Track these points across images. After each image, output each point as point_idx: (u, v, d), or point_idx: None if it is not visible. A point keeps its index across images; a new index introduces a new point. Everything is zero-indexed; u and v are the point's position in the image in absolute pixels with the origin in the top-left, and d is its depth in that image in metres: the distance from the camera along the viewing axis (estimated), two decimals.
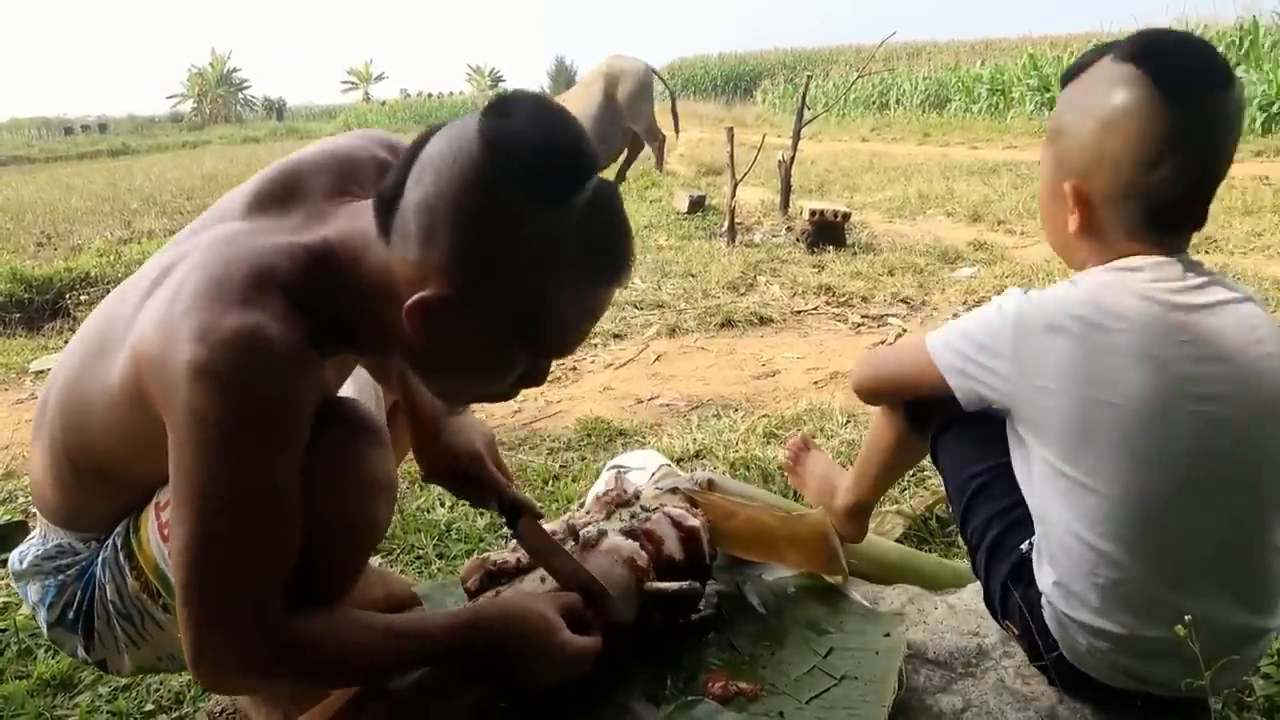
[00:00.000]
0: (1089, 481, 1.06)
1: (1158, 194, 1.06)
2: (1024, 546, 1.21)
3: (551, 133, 0.88)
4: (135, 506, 1.10)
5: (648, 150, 9.13)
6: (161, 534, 1.06)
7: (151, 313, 0.93)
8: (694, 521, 1.48)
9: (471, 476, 1.33)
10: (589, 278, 0.91)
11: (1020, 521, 1.21)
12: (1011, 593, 1.22)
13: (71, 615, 1.13)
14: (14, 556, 1.17)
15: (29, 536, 1.19)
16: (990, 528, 1.25)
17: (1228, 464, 1.05)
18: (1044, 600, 1.17)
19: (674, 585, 1.35)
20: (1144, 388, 1.02)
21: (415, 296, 0.88)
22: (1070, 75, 1.15)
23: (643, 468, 1.91)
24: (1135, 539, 1.06)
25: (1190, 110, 1.03)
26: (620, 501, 1.53)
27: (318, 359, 0.95)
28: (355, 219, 0.96)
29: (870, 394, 1.43)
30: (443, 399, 1.08)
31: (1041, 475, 1.12)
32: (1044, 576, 1.16)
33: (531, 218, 0.86)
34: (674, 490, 1.61)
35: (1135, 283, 1.06)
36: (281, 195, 1.02)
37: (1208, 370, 1.03)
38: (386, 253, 0.91)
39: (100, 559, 1.12)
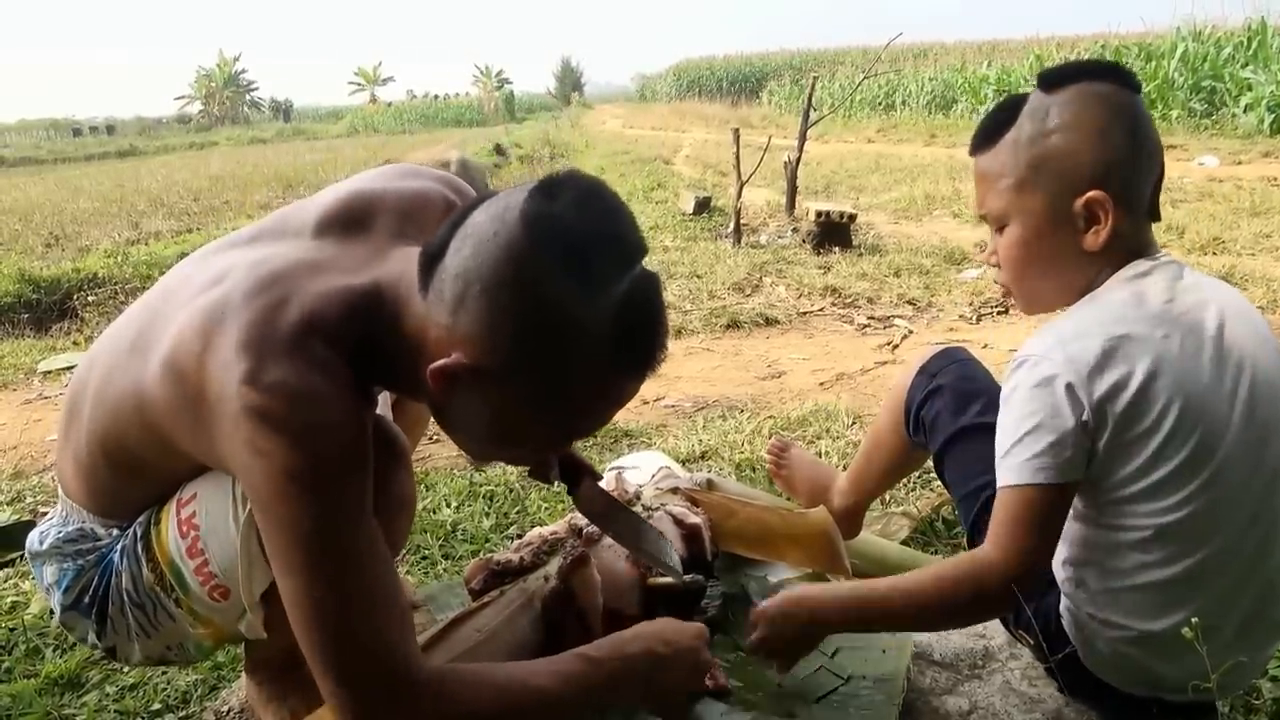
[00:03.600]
0: (1147, 491, 1.05)
1: (1152, 179, 1.11)
2: None
3: (595, 221, 0.87)
4: (162, 498, 1.11)
5: (654, 155, 9.15)
6: (179, 529, 1.07)
7: (195, 331, 0.94)
8: (695, 519, 1.49)
9: None
10: (614, 369, 0.90)
11: None
12: (1029, 602, 1.21)
13: (87, 600, 1.14)
14: (33, 536, 1.18)
15: (48, 516, 1.20)
16: None
17: (1254, 454, 1.06)
18: (1063, 605, 1.16)
19: (676, 579, 1.35)
20: (1188, 391, 1.03)
21: (438, 362, 0.88)
22: (997, 131, 1.14)
23: (637, 467, 1.91)
24: (1182, 540, 1.05)
25: (1141, 100, 1.12)
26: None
27: (364, 400, 0.97)
28: (407, 265, 0.96)
29: (1036, 571, 1.10)
30: (468, 454, 1.10)
31: (1094, 485, 1.09)
32: (1069, 579, 1.15)
33: (560, 305, 0.85)
34: (674, 490, 1.61)
35: (1152, 287, 1.08)
36: (350, 222, 1.05)
37: (1235, 360, 1.05)
38: (424, 308, 0.92)
39: (120, 547, 1.13)
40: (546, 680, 0.98)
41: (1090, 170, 1.09)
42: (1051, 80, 1.13)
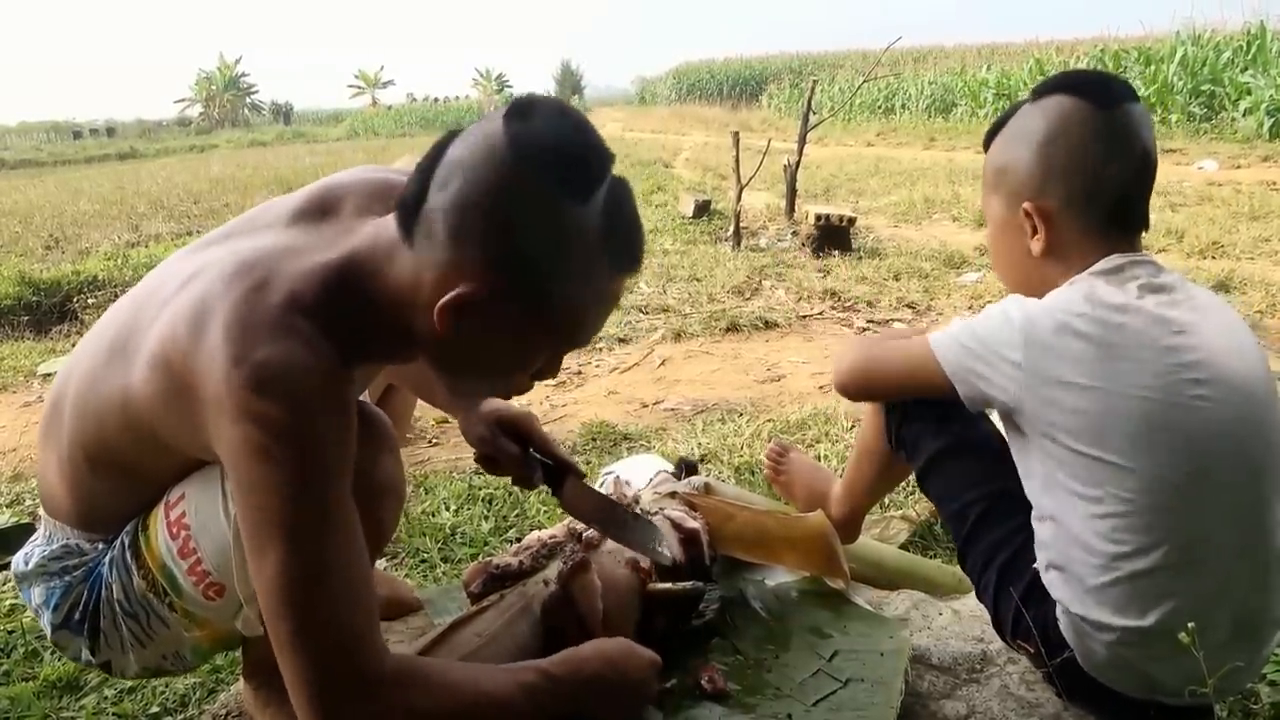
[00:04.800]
0: (1103, 474, 1.08)
1: (1110, 191, 1.15)
2: (1036, 565, 1.20)
3: (573, 133, 0.91)
4: (148, 505, 1.11)
5: (654, 158, 9.16)
6: (169, 531, 1.07)
7: (180, 324, 0.94)
8: (694, 524, 1.49)
9: (518, 433, 1.35)
10: (610, 268, 0.94)
11: (1029, 542, 1.21)
12: (1027, 612, 1.21)
13: (78, 616, 1.13)
14: (18, 558, 1.17)
15: (32, 538, 1.19)
16: (999, 552, 1.25)
17: (1229, 448, 1.07)
18: (1059, 610, 1.16)
19: (676, 585, 1.35)
20: (1146, 379, 1.06)
21: (448, 295, 0.89)
22: (994, 132, 1.25)
23: (629, 481, 1.92)
24: (1153, 527, 1.07)
25: (1117, 113, 1.15)
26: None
27: (348, 377, 0.97)
28: (378, 230, 0.98)
29: (858, 390, 1.39)
30: (462, 396, 1.11)
31: (1052, 474, 1.13)
32: (1057, 582, 1.15)
33: (559, 213, 0.89)
34: (672, 494, 1.61)
35: (1121, 280, 1.13)
36: (320, 210, 1.06)
37: (1197, 358, 1.07)
38: (411, 256, 0.93)
39: (108, 559, 1.12)
40: (506, 689, 1.00)
41: (1029, 181, 1.18)
42: (1036, 90, 1.21)
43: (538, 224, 0.89)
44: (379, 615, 0.95)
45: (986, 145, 1.26)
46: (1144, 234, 1.20)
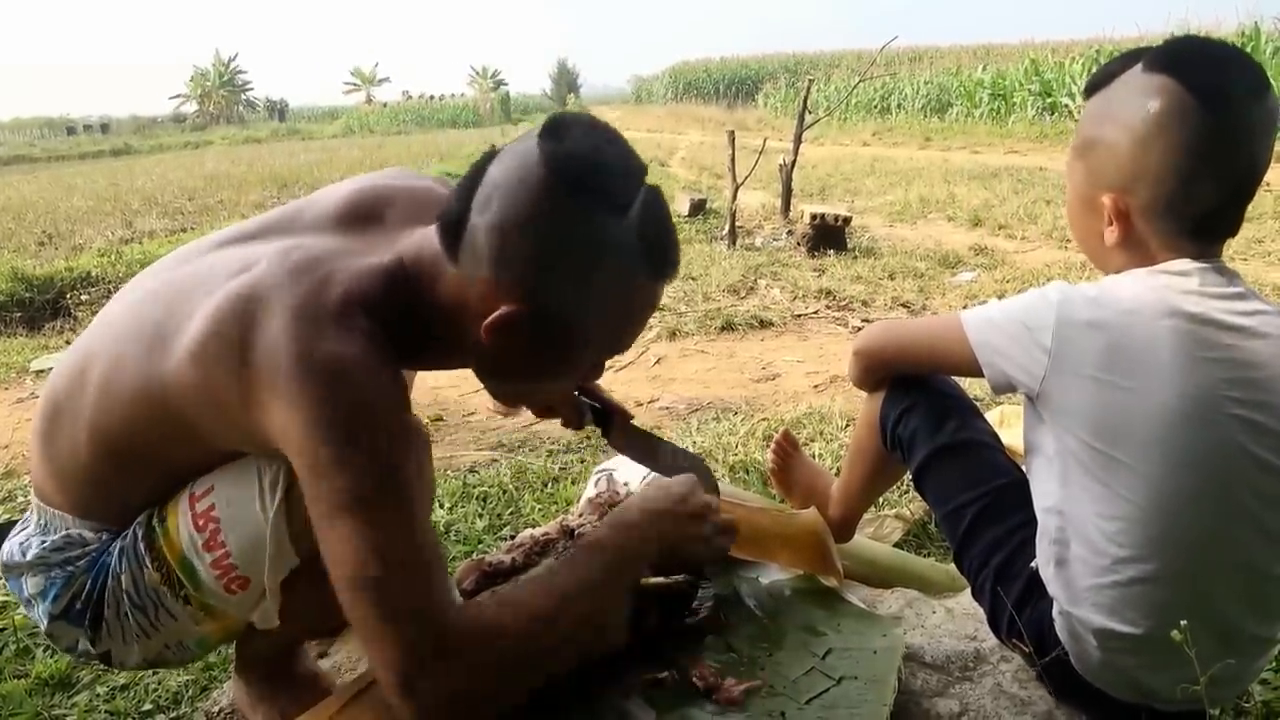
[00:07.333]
0: (1119, 476, 1.05)
1: (1199, 205, 1.07)
2: (1033, 565, 1.20)
3: (606, 148, 0.95)
4: (163, 496, 1.10)
5: (650, 157, 9.18)
6: (195, 524, 1.06)
7: (230, 315, 0.95)
8: None
9: None
10: (645, 275, 0.97)
11: (1026, 542, 1.20)
12: (1022, 611, 1.21)
13: (79, 606, 1.12)
14: (11, 549, 1.15)
15: (22, 527, 1.17)
16: (996, 551, 1.25)
17: (1257, 471, 1.03)
18: (1055, 610, 1.16)
19: (668, 580, 1.35)
20: (1183, 388, 1.01)
21: (496, 313, 0.93)
22: (1096, 85, 1.14)
23: (626, 482, 1.91)
24: (1160, 536, 1.05)
25: (1229, 119, 1.03)
26: (613, 503, 1.53)
27: (401, 378, 0.99)
28: (423, 241, 1.01)
29: (875, 359, 1.38)
30: (510, 403, 1.14)
31: (1068, 468, 1.10)
32: (1055, 578, 1.15)
33: (598, 230, 0.92)
34: None
35: (1181, 286, 1.06)
36: (365, 216, 1.10)
37: (1248, 375, 1.02)
38: (456, 273, 0.96)
39: (117, 549, 1.11)
40: (575, 572, 1.02)
41: (1114, 173, 1.09)
42: (1153, 58, 1.07)
43: (578, 243, 0.92)
44: (447, 576, 0.96)
45: (1088, 95, 1.16)
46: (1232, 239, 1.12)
